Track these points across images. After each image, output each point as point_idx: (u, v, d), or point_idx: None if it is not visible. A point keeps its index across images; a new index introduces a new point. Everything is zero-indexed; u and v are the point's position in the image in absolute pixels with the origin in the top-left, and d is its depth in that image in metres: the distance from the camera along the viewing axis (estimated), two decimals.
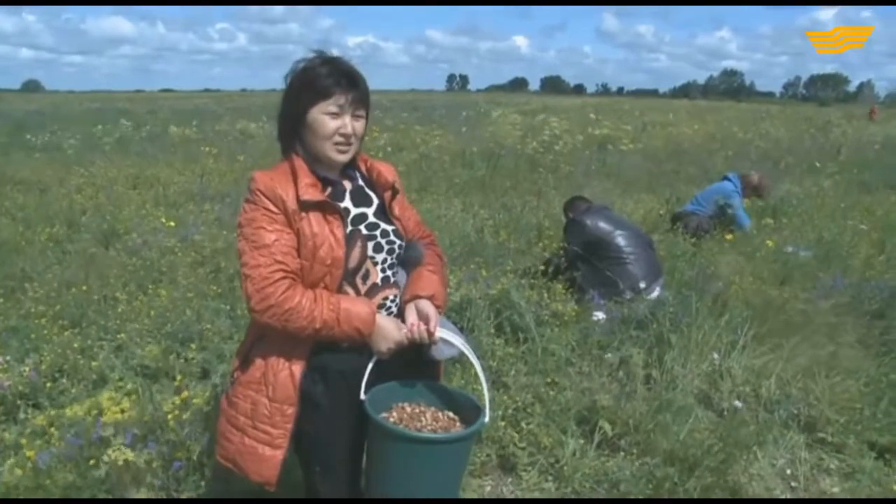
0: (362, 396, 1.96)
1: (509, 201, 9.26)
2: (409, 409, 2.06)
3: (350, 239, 1.98)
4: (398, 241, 2.11)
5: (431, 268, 2.18)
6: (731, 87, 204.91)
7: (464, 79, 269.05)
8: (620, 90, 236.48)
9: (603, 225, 5.57)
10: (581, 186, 10.12)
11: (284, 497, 2.79)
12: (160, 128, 20.40)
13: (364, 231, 2.03)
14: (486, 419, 1.95)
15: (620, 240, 5.46)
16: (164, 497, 2.92)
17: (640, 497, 3.23)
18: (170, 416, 3.11)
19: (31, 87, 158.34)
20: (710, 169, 12.64)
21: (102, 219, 8.12)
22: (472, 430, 1.95)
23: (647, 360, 4.35)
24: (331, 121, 1.95)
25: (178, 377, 3.80)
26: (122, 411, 3.07)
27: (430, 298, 2.07)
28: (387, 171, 2.17)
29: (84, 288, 5.52)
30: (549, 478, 3.44)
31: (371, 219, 2.07)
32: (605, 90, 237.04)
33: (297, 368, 1.98)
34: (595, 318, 4.92)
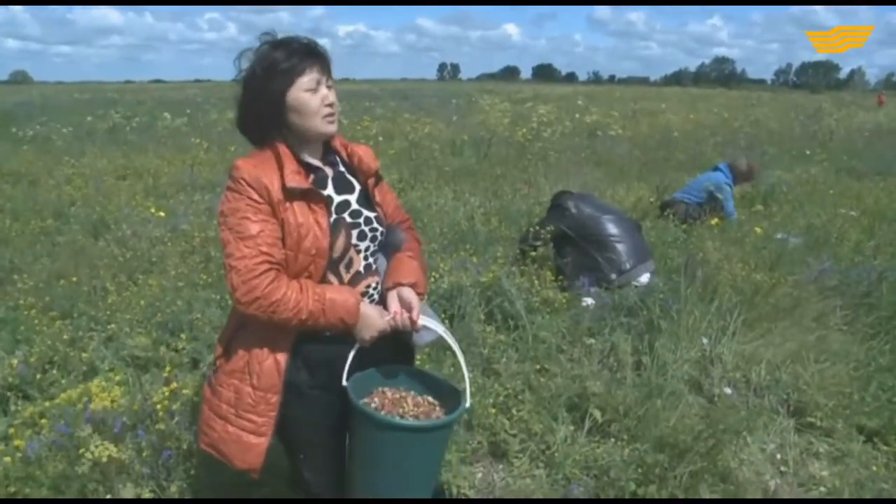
0: (344, 382, 1.97)
1: (500, 189, 9.27)
2: (390, 395, 2.08)
3: (334, 227, 1.98)
4: (380, 228, 2.11)
5: (411, 254, 2.18)
6: (722, 74, 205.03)
7: (455, 67, 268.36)
8: (612, 78, 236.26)
9: (588, 209, 5.58)
10: (571, 174, 10.12)
11: (272, 485, 2.81)
12: (149, 118, 20.27)
13: (348, 219, 2.03)
14: (467, 405, 1.97)
15: (605, 222, 5.48)
16: (154, 486, 2.92)
17: (631, 487, 3.24)
18: (159, 406, 3.10)
19: (19, 78, 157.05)
20: (700, 156, 12.67)
21: (92, 210, 8.09)
22: (450, 418, 1.98)
23: (637, 347, 4.36)
24: (312, 96, 1.95)
25: (168, 367, 3.79)
26: (112, 400, 3.06)
27: (413, 286, 2.08)
28: (367, 157, 2.16)
29: (74, 279, 5.50)
30: (540, 464, 3.45)
31: (354, 206, 2.07)
32: (596, 78, 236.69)
33: (282, 357, 1.98)
34: (584, 304, 4.93)
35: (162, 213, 7.30)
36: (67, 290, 5.30)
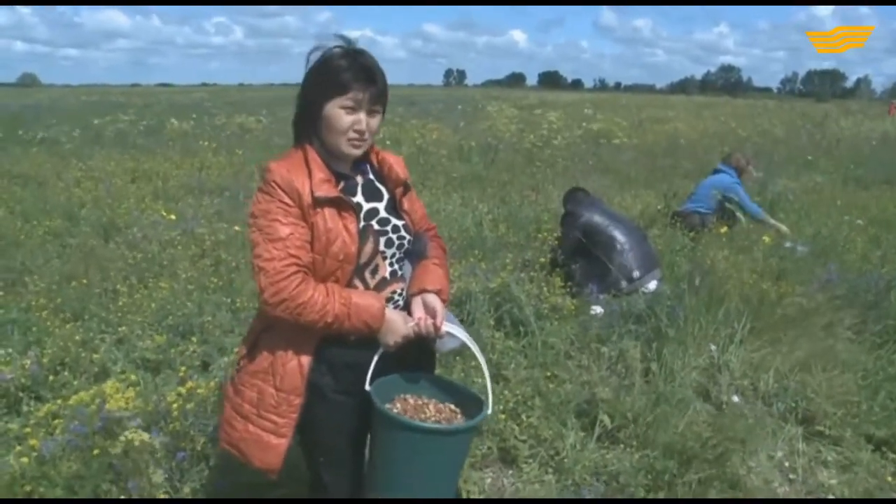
0: (367, 387, 1.98)
1: (507, 195, 9.30)
2: (412, 401, 2.09)
3: (363, 234, 2.00)
4: (407, 236, 2.13)
5: (437, 261, 2.20)
6: (728, 82, 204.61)
7: (461, 73, 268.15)
8: (618, 85, 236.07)
9: (597, 217, 5.62)
10: (578, 181, 10.16)
11: (288, 486, 2.83)
12: (158, 122, 20.36)
13: (376, 226, 2.05)
14: (489, 411, 1.98)
15: (614, 231, 5.51)
16: (168, 487, 2.94)
17: (640, 493, 3.26)
18: (174, 406, 3.12)
19: (27, 80, 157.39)
20: (707, 164, 12.68)
21: (101, 212, 8.13)
22: (473, 422, 1.99)
23: (645, 354, 4.36)
24: (346, 115, 1.95)
25: (182, 368, 3.82)
26: (126, 401, 3.08)
27: (438, 293, 2.09)
28: (398, 165, 2.18)
29: (84, 281, 5.54)
30: (550, 470, 3.46)
31: (382, 213, 2.08)
32: (602, 85, 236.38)
33: (306, 360, 2.00)
34: (593, 313, 4.96)
35: (173, 216, 7.34)
36: (78, 292, 5.34)
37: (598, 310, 4.97)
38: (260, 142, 15.60)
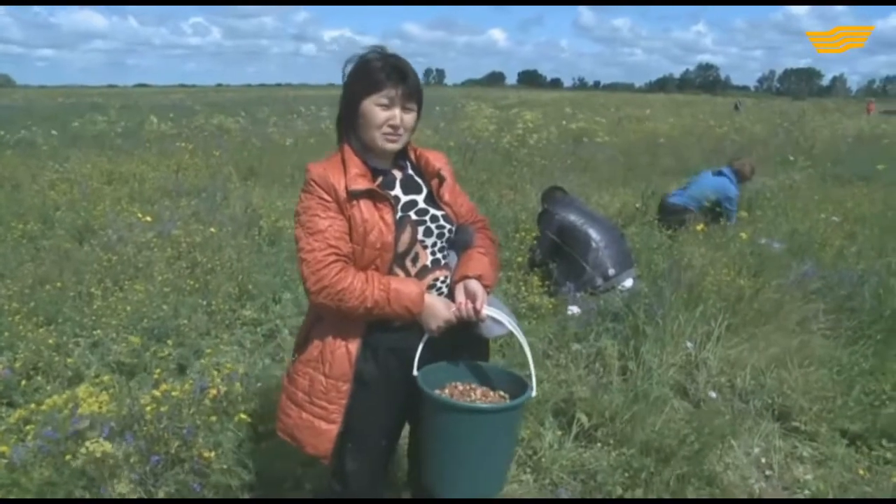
0: (415, 373, 2.04)
1: (486, 195, 9.28)
2: (460, 387, 2.15)
3: (400, 224, 2.09)
4: (448, 226, 2.20)
5: (482, 250, 2.26)
6: (706, 81, 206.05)
7: (440, 73, 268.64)
8: (597, 84, 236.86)
9: (573, 216, 5.63)
10: (556, 180, 10.16)
11: (263, 489, 2.81)
12: (135, 123, 20.18)
13: (414, 217, 2.13)
14: (533, 394, 2.04)
15: (589, 229, 5.53)
16: (142, 491, 2.90)
17: (618, 491, 3.26)
18: (148, 409, 3.09)
19: (2, 81, 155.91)
20: (686, 161, 12.75)
21: (77, 215, 8.02)
22: (520, 400, 2.03)
23: (622, 352, 4.37)
24: (381, 112, 2.07)
25: (157, 371, 3.78)
26: (100, 405, 3.05)
27: (479, 278, 2.15)
28: (435, 160, 2.27)
29: (59, 284, 5.46)
30: (527, 469, 3.46)
31: (421, 205, 2.17)
32: (581, 84, 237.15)
33: (353, 346, 2.10)
34: (570, 313, 4.95)
35: (149, 218, 7.27)
36: (52, 296, 5.27)
37: (574, 310, 4.97)
38: (237, 143, 15.48)
